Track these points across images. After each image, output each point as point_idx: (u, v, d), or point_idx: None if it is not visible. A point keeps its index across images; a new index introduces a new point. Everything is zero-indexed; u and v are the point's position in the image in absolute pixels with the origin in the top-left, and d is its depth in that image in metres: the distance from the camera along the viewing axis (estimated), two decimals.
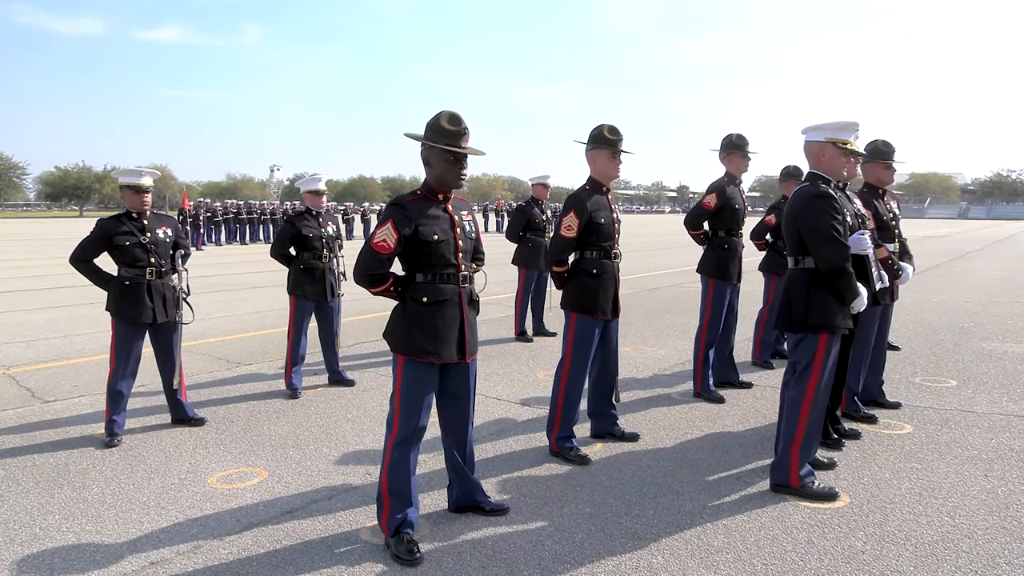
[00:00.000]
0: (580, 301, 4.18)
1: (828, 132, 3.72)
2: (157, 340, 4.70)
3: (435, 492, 3.68)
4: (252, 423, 4.88)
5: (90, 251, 4.55)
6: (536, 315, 8.05)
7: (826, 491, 3.64)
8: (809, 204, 3.62)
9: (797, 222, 3.66)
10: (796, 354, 3.72)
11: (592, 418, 4.56)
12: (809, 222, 3.59)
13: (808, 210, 3.61)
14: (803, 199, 3.66)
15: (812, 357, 3.64)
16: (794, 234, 3.69)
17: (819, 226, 3.56)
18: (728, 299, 5.49)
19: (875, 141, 4.99)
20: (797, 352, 3.72)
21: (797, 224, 3.65)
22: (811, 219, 3.58)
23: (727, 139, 5.43)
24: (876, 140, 5.00)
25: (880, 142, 4.98)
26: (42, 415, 5.05)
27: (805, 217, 3.61)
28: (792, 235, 3.71)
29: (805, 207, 3.63)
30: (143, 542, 3.20)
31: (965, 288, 12.70)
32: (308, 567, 2.97)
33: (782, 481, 3.69)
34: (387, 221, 3.06)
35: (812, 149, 3.77)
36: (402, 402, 3.13)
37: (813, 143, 3.76)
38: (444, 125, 3.07)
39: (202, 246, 24.89)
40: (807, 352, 3.65)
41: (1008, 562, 3.01)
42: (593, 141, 4.17)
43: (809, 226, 3.58)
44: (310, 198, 5.79)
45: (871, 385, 5.14)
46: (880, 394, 5.20)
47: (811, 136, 3.77)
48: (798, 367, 3.70)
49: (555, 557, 3.06)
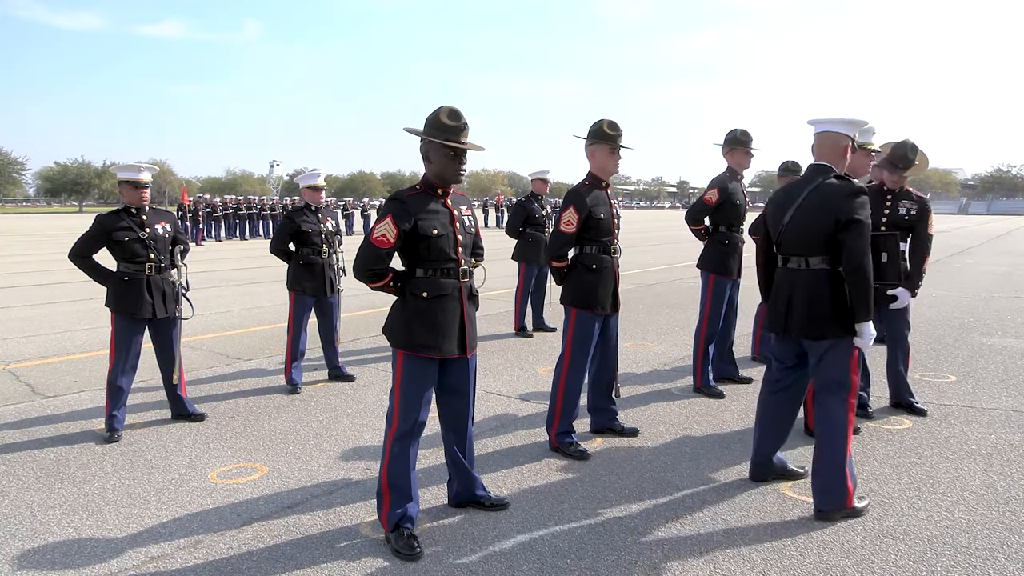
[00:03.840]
0: (580, 296, 4.18)
1: (855, 129, 3.44)
2: (157, 336, 4.70)
3: (435, 487, 3.69)
4: (252, 418, 4.89)
5: (89, 247, 4.54)
6: (536, 310, 8.05)
7: (865, 507, 3.40)
8: (858, 200, 3.28)
9: (838, 216, 3.27)
10: (826, 368, 3.37)
11: (592, 413, 4.56)
12: (860, 220, 3.24)
13: (861, 207, 3.27)
14: (848, 193, 3.29)
15: (848, 365, 3.35)
16: (823, 230, 3.33)
17: (868, 227, 3.25)
18: (728, 294, 5.49)
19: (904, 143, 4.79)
20: (827, 365, 3.37)
21: (839, 219, 3.27)
22: (864, 217, 3.25)
23: (730, 134, 5.43)
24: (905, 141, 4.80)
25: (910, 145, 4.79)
26: (42, 410, 5.05)
27: (855, 212, 3.25)
28: (819, 231, 3.35)
29: (853, 203, 3.27)
30: (143, 537, 3.20)
31: (965, 283, 12.70)
32: (308, 562, 2.98)
33: (839, 504, 3.33)
34: (386, 216, 3.06)
35: (838, 143, 3.42)
36: (402, 397, 3.13)
37: (842, 136, 3.42)
38: (444, 120, 3.06)
39: (201, 242, 24.87)
40: (841, 361, 3.35)
41: (1007, 556, 3.02)
42: (593, 136, 4.17)
43: (860, 225, 3.24)
44: (309, 194, 5.79)
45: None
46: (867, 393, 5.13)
47: (837, 128, 3.42)
48: (831, 382, 3.36)
49: (555, 552, 3.06)
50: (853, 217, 3.25)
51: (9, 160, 75.04)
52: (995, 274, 14.51)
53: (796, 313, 3.44)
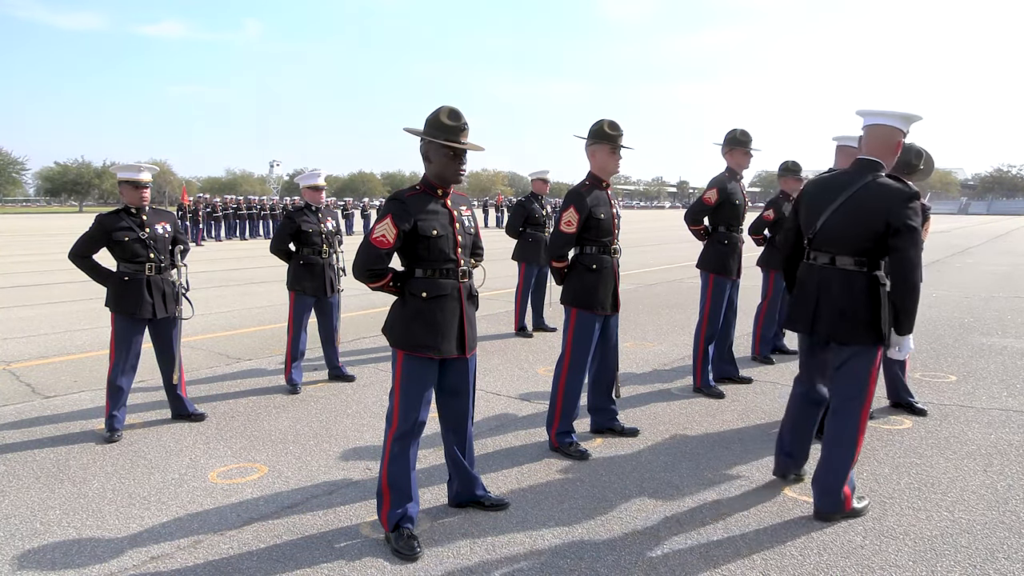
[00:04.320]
0: (580, 296, 4.18)
1: (909, 124, 3.26)
2: (157, 336, 4.70)
3: (435, 487, 3.69)
4: (252, 418, 4.89)
5: (89, 247, 4.54)
6: (536, 310, 8.05)
7: (864, 507, 3.38)
8: (913, 206, 3.11)
9: (890, 220, 3.11)
10: (847, 375, 3.26)
11: (592, 413, 4.57)
12: (915, 228, 3.09)
13: (915, 215, 3.10)
14: (904, 197, 3.12)
15: (870, 375, 3.25)
16: (869, 230, 3.17)
17: (920, 236, 3.10)
18: (728, 294, 5.49)
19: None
20: (847, 372, 3.26)
21: (891, 223, 3.11)
22: (918, 225, 3.10)
23: (730, 134, 5.42)
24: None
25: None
26: (42, 410, 5.05)
27: (910, 219, 3.09)
28: (865, 231, 3.18)
29: (908, 209, 3.10)
30: (143, 537, 3.20)
31: (965, 283, 12.70)
32: (308, 562, 2.98)
33: (838, 508, 3.31)
34: (386, 216, 3.06)
35: (891, 138, 3.27)
36: (401, 397, 3.13)
37: (896, 131, 3.26)
38: (444, 120, 3.06)
39: (201, 242, 24.87)
40: (863, 370, 3.24)
41: (1007, 556, 3.02)
42: (593, 136, 4.17)
43: (915, 232, 3.09)
44: (309, 194, 5.79)
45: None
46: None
47: (892, 122, 3.26)
48: (850, 388, 3.26)
49: (555, 552, 3.06)
50: (908, 223, 3.08)
51: (9, 160, 75.05)
52: (995, 274, 14.51)
53: (825, 313, 3.30)
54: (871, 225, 3.16)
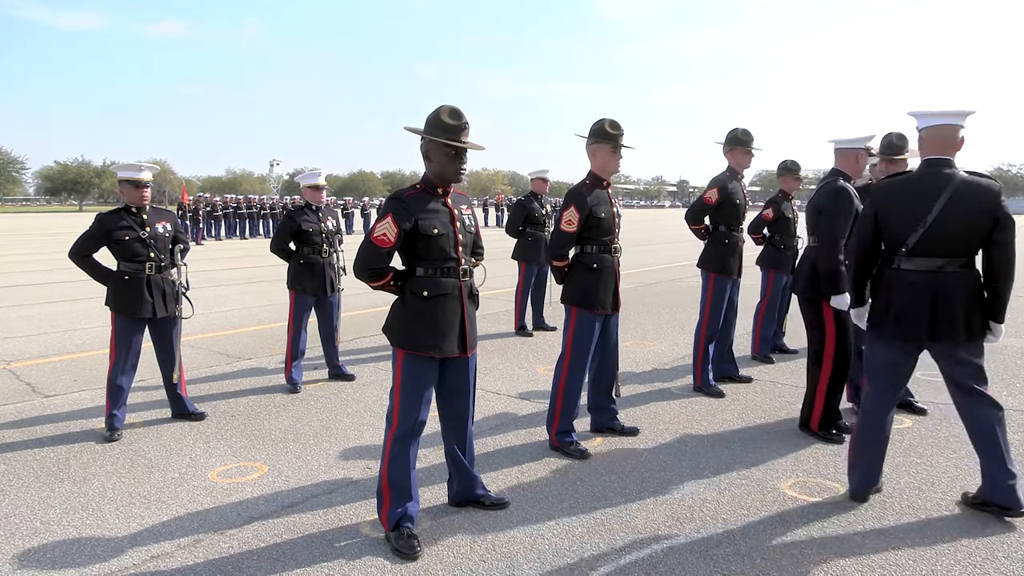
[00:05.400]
0: (580, 296, 4.18)
1: (965, 118, 3.31)
2: (157, 335, 4.70)
3: (435, 486, 3.69)
4: (252, 418, 4.89)
5: (89, 246, 4.54)
6: (536, 310, 8.05)
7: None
8: (1004, 198, 3.26)
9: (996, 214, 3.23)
10: (970, 366, 3.38)
11: (592, 412, 4.57)
12: (1013, 218, 3.25)
13: (1006, 204, 3.26)
14: (997, 190, 3.25)
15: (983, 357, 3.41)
16: (979, 229, 3.25)
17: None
18: (728, 294, 5.49)
19: (890, 134, 4.80)
20: (972, 366, 3.38)
21: (997, 217, 3.23)
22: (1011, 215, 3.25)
23: (731, 134, 5.42)
24: (891, 133, 4.80)
25: (895, 135, 4.79)
26: (42, 410, 5.05)
27: (1007, 209, 3.23)
28: (975, 230, 3.26)
29: (1003, 201, 3.25)
30: (144, 536, 3.20)
31: None
32: (308, 561, 2.98)
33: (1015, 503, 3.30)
34: (387, 215, 3.06)
35: (953, 135, 3.31)
36: (402, 396, 3.13)
37: (957, 127, 3.31)
38: (444, 119, 3.06)
39: (201, 241, 24.87)
40: (982, 357, 3.40)
41: (1007, 556, 3.02)
42: (594, 135, 4.17)
43: (1014, 222, 3.25)
44: (310, 193, 5.79)
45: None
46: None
47: (951, 120, 3.30)
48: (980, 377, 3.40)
49: (555, 551, 3.06)
50: (1008, 214, 3.22)
51: (9, 159, 74.99)
52: None
53: (949, 318, 3.27)
54: (980, 222, 3.24)
